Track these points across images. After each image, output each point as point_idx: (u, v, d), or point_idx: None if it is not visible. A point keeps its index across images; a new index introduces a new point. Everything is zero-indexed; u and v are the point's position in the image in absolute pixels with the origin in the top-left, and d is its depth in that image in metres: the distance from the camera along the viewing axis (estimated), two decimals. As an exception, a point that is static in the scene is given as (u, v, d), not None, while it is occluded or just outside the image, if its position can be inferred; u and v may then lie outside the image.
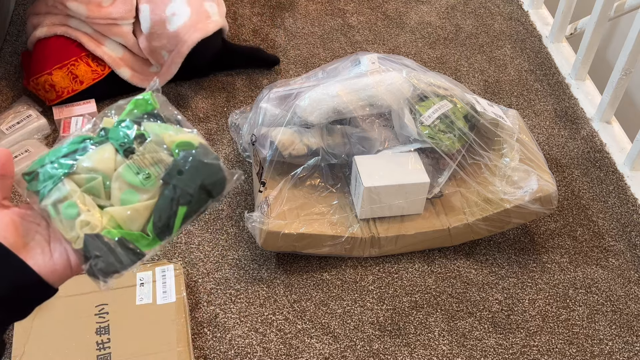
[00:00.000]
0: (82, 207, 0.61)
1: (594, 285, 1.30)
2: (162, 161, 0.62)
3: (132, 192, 0.62)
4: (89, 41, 1.51)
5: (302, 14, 1.88)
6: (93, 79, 1.51)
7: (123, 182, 0.62)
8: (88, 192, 0.62)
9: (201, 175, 0.62)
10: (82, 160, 0.62)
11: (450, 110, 1.31)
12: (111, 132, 0.64)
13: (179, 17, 1.47)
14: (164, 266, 1.24)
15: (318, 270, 1.28)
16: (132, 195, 0.62)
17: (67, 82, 1.48)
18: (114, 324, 1.14)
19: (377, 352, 1.17)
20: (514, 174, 1.29)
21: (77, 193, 0.61)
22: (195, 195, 0.61)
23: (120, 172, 0.62)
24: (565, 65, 1.77)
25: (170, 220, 0.61)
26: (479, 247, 1.34)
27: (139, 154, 0.62)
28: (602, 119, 1.61)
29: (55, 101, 1.49)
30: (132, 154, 0.62)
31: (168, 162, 0.62)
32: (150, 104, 0.66)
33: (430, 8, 1.94)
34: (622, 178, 1.49)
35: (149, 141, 0.63)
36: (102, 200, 0.62)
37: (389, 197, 1.26)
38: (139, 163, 0.62)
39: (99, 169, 0.62)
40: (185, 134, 0.63)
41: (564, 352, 1.19)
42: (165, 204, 0.61)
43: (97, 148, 0.63)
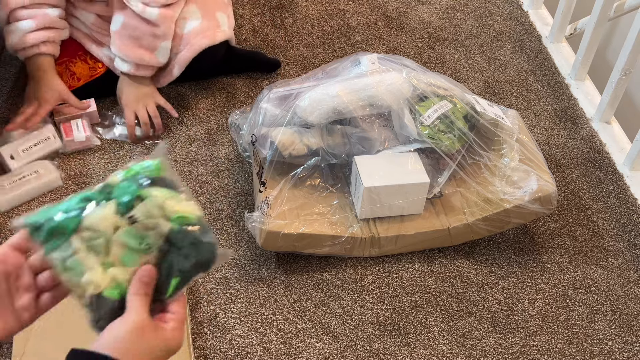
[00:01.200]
0: (87, 265, 0.65)
1: (593, 285, 1.30)
2: (161, 230, 0.67)
3: (132, 255, 0.67)
4: (89, 42, 1.52)
5: (302, 14, 1.88)
6: (90, 75, 1.51)
7: (124, 246, 0.66)
8: (90, 250, 0.66)
9: (197, 253, 0.68)
10: (87, 219, 0.66)
11: (450, 111, 1.32)
12: (115, 190, 0.68)
13: (190, 22, 1.47)
14: (164, 266, 1.24)
15: (318, 270, 1.29)
16: (132, 258, 0.67)
17: (65, 78, 1.48)
18: (114, 324, 1.14)
19: (377, 351, 1.17)
20: (513, 174, 1.29)
21: (82, 252, 0.66)
22: (190, 271, 0.68)
23: (122, 236, 0.66)
24: (565, 65, 1.77)
25: (163, 288, 0.67)
26: (479, 247, 1.34)
27: (140, 218, 0.66)
28: (602, 119, 1.61)
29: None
30: (132, 217, 0.66)
31: (166, 232, 0.67)
32: (157, 170, 0.70)
33: (430, 8, 1.94)
34: (621, 178, 1.50)
35: (150, 205, 0.67)
36: (102, 257, 0.66)
37: (389, 197, 1.26)
38: (140, 230, 0.67)
39: (101, 228, 0.66)
40: (185, 205, 0.68)
41: (563, 352, 1.19)
42: (161, 274, 0.67)
43: (100, 207, 0.67)
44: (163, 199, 0.68)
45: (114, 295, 0.66)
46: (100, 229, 0.66)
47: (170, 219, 0.67)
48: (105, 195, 0.68)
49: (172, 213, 0.67)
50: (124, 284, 0.66)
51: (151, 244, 0.67)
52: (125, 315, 0.65)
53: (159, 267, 0.67)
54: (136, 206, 0.67)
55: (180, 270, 0.67)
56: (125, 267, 0.66)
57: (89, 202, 0.67)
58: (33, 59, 1.43)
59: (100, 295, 0.66)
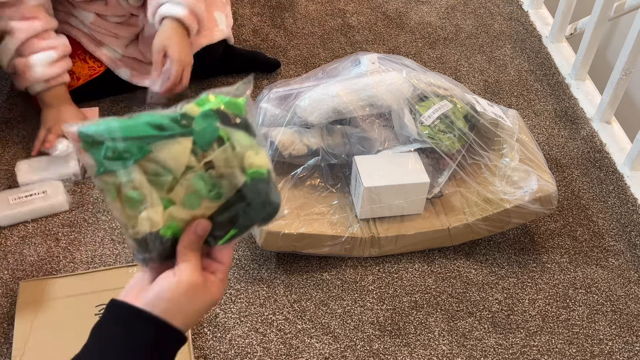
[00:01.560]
0: (148, 201, 0.61)
1: (593, 285, 1.30)
2: (234, 180, 0.62)
3: (197, 199, 0.62)
4: (88, 42, 1.51)
5: (302, 14, 1.88)
6: (90, 75, 1.51)
7: (192, 188, 0.62)
8: (153, 184, 0.61)
9: (263, 212, 0.64)
10: (157, 150, 0.60)
11: (450, 110, 1.31)
12: (195, 123, 0.61)
13: None
14: (164, 266, 1.24)
15: (318, 270, 1.28)
16: (196, 201, 0.62)
17: None
18: (114, 324, 1.14)
19: (377, 352, 1.17)
20: (514, 174, 1.29)
21: (145, 185, 0.61)
22: (251, 226, 0.65)
23: (193, 180, 0.61)
24: (565, 65, 1.77)
25: (217, 235, 0.64)
26: (479, 247, 1.34)
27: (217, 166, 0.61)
28: (602, 119, 1.61)
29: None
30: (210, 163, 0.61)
31: (239, 184, 0.63)
32: (241, 109, 0.64)
33: (430, 8, 1.94)
34: (622, 178, 1.49)
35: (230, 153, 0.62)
36: (163, 193, 0.61)
37: (389, 197, 1.26)
38: (213, 177, 0.62)
39: (172, 166, 0.61)
40: (261, 157, 0.64)
41: (564, 352, 1.19)
42: (221, 223, 0.64)
43: (175, 141, 0.60)
44: (243, 147, 0.62)
45: (167, 234, 0.62)
46: (171, 167, 0.60)
47: (246, 172, 0.62)
48: (181, 128, 0.61)
49: (249, 166, 0.62)
50: (179, 224, 0.62)
51: (222, 193, 0.62)
52: (177, 272, 0.61)
53: (220, 215, 0.63)
54: (215, 149, 0.61)
55: (242, 224, 0.64)
56: (185, 208, 0.62)
57: (161, 131, 0.60)
58: (54, 88, 1.41)
59: (154, 234, 0.62)
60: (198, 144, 0.61)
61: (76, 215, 1.35)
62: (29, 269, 1.25)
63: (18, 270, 1.25)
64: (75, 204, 1.37)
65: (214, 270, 0.64)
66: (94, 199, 1.38)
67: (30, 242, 1.29)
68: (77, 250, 1.29)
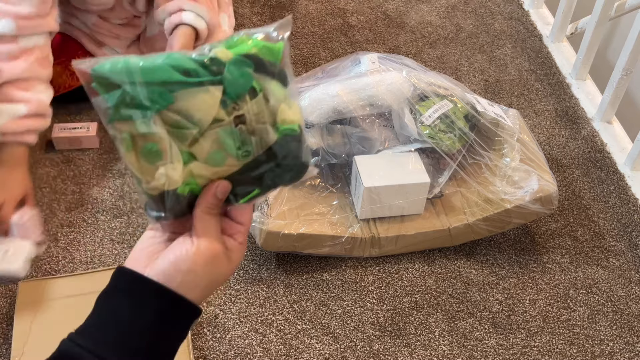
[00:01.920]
0: (167, 156, 0.54)
1: (594, 285, 1.30)
2: (266, 138, 0.56)
3: (222, 155, 0.56)
4: (89, 42, 1.51)
5: (302, 13, 1.88)
6: None
7: (219, 144, 0.55)
8: (174, 137, 0.54)
9: (292, 172, 0.59)
10: (182, 99, 0.52)
11: (451, 110, 1.31)
12: (227, 70, 0.53)
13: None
14: (163, 266, 1.24)
15: (318, 270, 1.28)
16: (221, 158, 0.56)
17: (65, 77, 1.48)
18: (113, 325, 1.13)
19: (378, 352, 1.17)
20: (514, 174, 1.29)
21: (165, 139, 0.53)
22: (275, 186, 0.59)
23: (221, 134, 0.54)
24: (566, 65, 1.76)
25: (238, 194, 0.58)
26: (480, 247, 1.34)
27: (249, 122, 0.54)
28: (603, 118, 1.60)
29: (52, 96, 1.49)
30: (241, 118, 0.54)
31: (270, 142, 0.56)
32: (277, 56, 0.57)
33: (431, 7, 1.94)
34: (622, 178, 1.49)
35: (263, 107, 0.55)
36: (184, 146, 0.55)
37: (389, 197, 1.26)
38: (243, 134, 0.55)
39: (198, 118, 0.53)
40: (294, 111, 0.57)
41: (564, 353, 1.19)
42: (245, 181, 0.58)
43: (203, 90, 0.53)
44: (277, 100, 0.55)
45: (184, 192, 0.56)
46: (196, 119, 0.53)
47: (278, 129, 0.56)
48: (210, 74, 0.53)
49: (281, 121, 0.56)
50: (198, 180, 0.56)
51: (250, 151, 0.56)
52: (196, 240, 0.56)
53: (244, 173, 0.57)
54: (247, 102, 0.54)
55: (267, 183, 0.58)
56: (208, 165, 0.56)
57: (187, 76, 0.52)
58: (11, 145, 1.22)
59: (171, 192, 0.55)
60: (228, 94, 0.54)
61: (75, 216, 1.34)
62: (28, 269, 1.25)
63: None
64: (75, 204, 1.36)
65: (233, 233, 0.59)
66: (93, 199, 1.38)
67: (29, 242, 1.29)
68: (76, 250, 1.28)
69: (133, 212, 1.36)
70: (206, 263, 0.56)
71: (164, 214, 0.57)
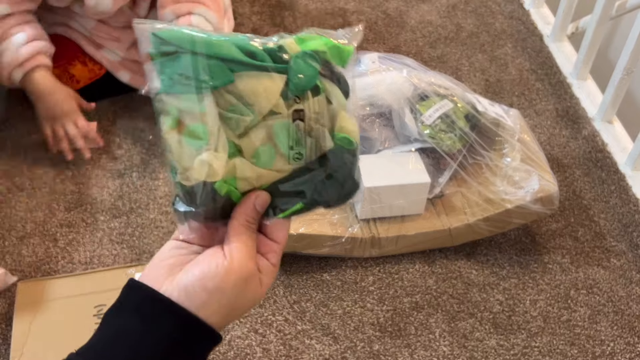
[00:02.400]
0: (213, 141, 0.49)
1: (595, 285, 1.29)
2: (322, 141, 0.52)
3: (271, 153, 0.51)
4: (88, 44, 1.50)
5: (302, 12, 1.87)
6: (90, 78, 1.50)
7: (270, 139, 0.51)
8: (226, 123, 0.50)
9: (341, 189, 0.54)
10: (241, 81, 0.48)
11: (451, 110, 1.31)
12: (293, 60, 0.50)
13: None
14: (163, 267, 1.23)
15: (318, 270, 1.28)
16: (269, 156, 0.51)
17: (64, 80, 1.47)
18: (112, 325, 1.13)
19: (378, 353, 1.17)
20: (515, 173, 1.29)
21: (214, 121, 0.49)
22: (320, 203, 0.54)
23: (276, 128, 0.50)
24: (567, 64, 1.76)
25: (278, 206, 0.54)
26: (480, 248, 1.34)
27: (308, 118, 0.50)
28: (604, 118, 1.60)
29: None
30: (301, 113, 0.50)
31: (325, 148, 0.52)
32: (345, 60, 0.54)
33: (431, 7, 1.93)
34: (623, 178, 1.49)
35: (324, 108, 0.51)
36: (234, 135, 0.50)
37: (390, 197, 1.26)
38: (299, 132, 0.51)
39: (255, 103, 0.49)
40: (352, 123, 0.53)
41: (565, 353, 1.19)
42: (288, 193, 0.53)
43: (266, 75, 0.49)
44: (339, 105, 0.52)
45: (222, 191, 0.50)
46: (254, 105, 0.49)
47: (335, 136, 0.52)
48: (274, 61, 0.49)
49: (339, 129, 0.52)
50: (239, 184, 0.51)
51: (302, 154, 0.51)
52: (229, 255, 0.49)
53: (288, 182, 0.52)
54: (308, 98, 0.51)
55: (313, 198, 0.53)
56: (254, 163, 0.51)
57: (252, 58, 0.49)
58: (33, 74, 1.32)
59: (208, 185, 0.50)
60: (291, 86, 0.49)
61: (74, 216, 1.34)
62: (27, 269, 1.25)
63: (16, 271, 1.24)
64: (74, 204, 1.36)
65: (266, 252, 0.53)
66: (92, 199, 1.37)
67: (28, 242, 1.29)
68: (75, 250, 1.28)
69: (132, 212, 1.35)
70: (238, 283, 0.48)
71: (193, 211, 0.51)
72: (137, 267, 1.23)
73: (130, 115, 1.54)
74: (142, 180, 1.41)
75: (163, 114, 0.49)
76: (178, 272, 0.49)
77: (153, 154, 1.47)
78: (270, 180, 0.52)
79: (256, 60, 0.49)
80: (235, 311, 0.50)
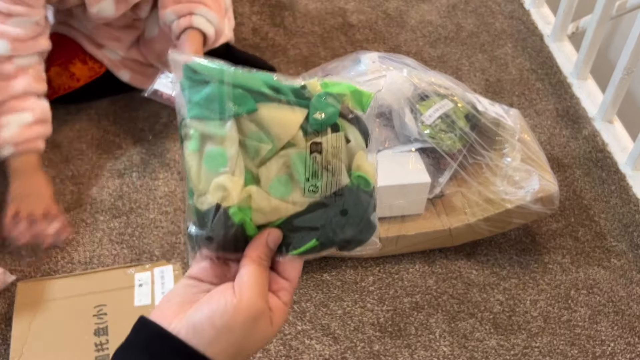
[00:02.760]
0: (231, 165, 0.50)
1: (595, 286, 1.29)
2: (338, 176, 0.53)
3: (287, 184, 0.52)
4: (88, 43, 1.50)
5: (302, 12, 1.87)
6: (90, 76, 1.50)
7: (287, 168, 0.52)
8: (244, 148, 0.51)
9: (356, 229, 0.54)
10: (264, 111, 0.51)
11: (452, 110, 1.31)
12: (315, 99, 0.52)
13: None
14: (162, 267, 1.23)
15: (318, 270, 1.28)
16: (285, 187, 0.52)
17: (64, 79, 1.47)
18: (112, 325, 1.13)
19: (378, 353, 1.17)
20: (515, 173, 1.29)
21: (234, 146, 0.50)
22: (333, 244, 0.54)
23: (294, 159, 0.52)
24: (567, 64, 1.76)
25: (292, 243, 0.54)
26: (480, 248, 1.33)
27: (325, 151, 0.52)
28: (604, 118, 1.60)
29: (52, 97, 1.47)
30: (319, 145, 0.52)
31: (342, 183, 0.53)
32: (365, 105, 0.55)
33: (431, 7, 1.93)
34: (624, 178, 1.49)
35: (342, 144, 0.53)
36: (251, 163, 0.52)
37: (390, 197, 1.25)
38: (316, 165, 0.52)
39: (276, 133, 0.51)
40: (370, 164, 0.55)
41: (565, 354, 1.18)
42: (302, 229, 0.53)
43: (288, 107, 0.51)
44: (358, 145, 0.53)
45: (236, 218, 0.51)
46: (274, 134, 0.51)
47: (352, 174, 0.53)
48: (296, 97, 0.52)
49: (357, 167, 0.54)
50: (254, 216, 0.52)
51: (318, 187, 0.52)
52: (239, 291, 0.49)
53: (303, 217, 0.53)
54: (327, 134, 0.52)
55: (327, 236, 0.53)
56: (270, 193, 0.52)
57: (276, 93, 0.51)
58: (25, 154, 1.25)
59: (223, 210, 0.50)
60: (311, 120, 0.51)
61: (74, 216, 1.34)
62: (27, 269, 1.25)
63: (16, 271, 1.24)
64: (74, 204, 1.36)
65: (278, 290, 0.52)
66: (92, 199, 1.37)
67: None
68: (75, 250, 1.28)
69: (132, 212, 1.35)
70: (247, 321, 0.48)
71: (205, 236, 0.52)
72: (137, 267, 1.23)
73: (130, 115, 1.54)
74: (142, 180, 1.41)
75: (186, 138, 0.51)
76: (188, 309, 0.49)
77: (153, 154, 1.46)
78: (285, 213, 0.53)
79: (280, 94, 0.51)
80: (244, 350, 0.49)
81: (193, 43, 1.35)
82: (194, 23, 1.35)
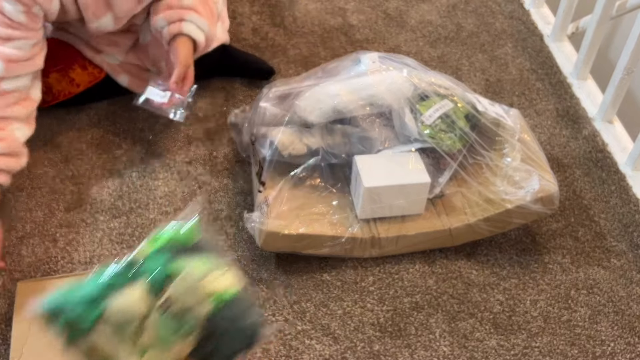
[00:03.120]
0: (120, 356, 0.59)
1: (595, 286, 1.29)
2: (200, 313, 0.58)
3: (167, 340, 0.59)
4: (87, 49, 1.49)
5: (302, 12, 1.87)
6: (89, 81, 1.50)
7: (157, 333, 0.59)
8: (122, 337, 0.59)
9: (242, 337, 0.60)
10: (112, 301, 0.58)
11: (451, 110, 1.31)
12: (145, 263, 0.60)
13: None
14: (163, 267, 1.23)
15: (318, 270, 1.28)
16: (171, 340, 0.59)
17: (64, 84, 1.47)
18: (112, 325, 1.13)
19: (378, 353, 1.17)
20: (515, 173, 1.29)
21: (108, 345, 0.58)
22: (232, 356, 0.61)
23: (157, 324, 0.59)
24: (567, 64, 1.76)
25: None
26: (480, 248, 1.33)
27: (174, 305, 0.58)
28: (604, 118, 1.60)
29: (52, 103, 1.47)
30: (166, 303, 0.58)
31: (204, 315, 0.59)
32: (191, 235, 0.61)
33: (431, 7, 1.93)
34: (623, 178, 1.49)
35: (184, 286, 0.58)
36: (133, 345, 0.59)
37: (390, 197, 1.25)
38: (176, 315, 0.58)
39: (131, 315, 0.59)
40: (224, 279, 0.59)
41: (565, 354, 1.18)
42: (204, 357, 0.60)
43: (129, 289, 0.59)
44: (199, 275, 0.60)
45: None
46: (130, 316, 0.59)
47: (209, 299, 0.60)
48: (132, 274, 0.59)
49: (210, 292, 0.60)
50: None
51: (191, 327, 0.59)
52: None
53: (201, 349, 0.60)
54: (169, 286, 0.59)
55: (224, 354, 0.61)
56: (161, 349, 0.59)
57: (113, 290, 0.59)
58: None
59: None
60: (152, 286, 0.59)
61: (74, 216, 1.34)
62: (27, 269, 1.25)
63: (16, 271, 1.24)
64: (74, 204, 1.36)
65: None
66: (92, 199, 1.37)
67: (28, 242, 1.29)
68: (75, 250, 1.28)
69: (132, 212, 1.35)
70: None
71: None
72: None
73: (130, 115, 1.54)
74: (142, 180, 1.41)
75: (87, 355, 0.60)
76: None
77: (153, 154, 1.46)
78: (183, 353, 0.60)
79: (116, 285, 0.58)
80: None
81: (183, 50, 1.34)
82: (183, 29, 1.34)
